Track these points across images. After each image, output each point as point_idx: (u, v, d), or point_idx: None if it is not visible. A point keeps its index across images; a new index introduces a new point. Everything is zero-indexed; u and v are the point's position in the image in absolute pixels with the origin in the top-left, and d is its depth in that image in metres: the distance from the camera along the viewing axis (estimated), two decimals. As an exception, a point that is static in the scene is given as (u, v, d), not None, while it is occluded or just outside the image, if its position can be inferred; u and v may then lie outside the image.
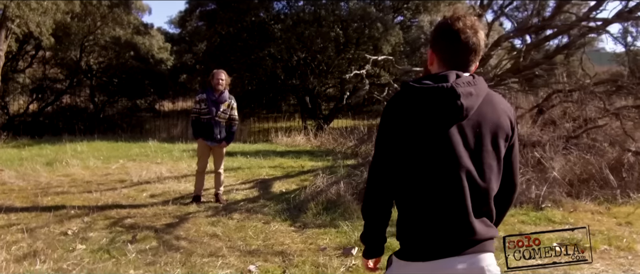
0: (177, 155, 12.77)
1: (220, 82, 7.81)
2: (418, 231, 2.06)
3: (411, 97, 2.03)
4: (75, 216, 6.94)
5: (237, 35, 21.56)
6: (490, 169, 2.08)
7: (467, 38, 2.08)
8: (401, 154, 2.04)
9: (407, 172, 2.05)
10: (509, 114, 2.15)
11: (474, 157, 2.05)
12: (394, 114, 2.05)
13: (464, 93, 1.98)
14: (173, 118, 26.10)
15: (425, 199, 2.04)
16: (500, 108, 2.13)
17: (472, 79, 2.06)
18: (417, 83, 2.03)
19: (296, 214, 7.13)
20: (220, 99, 7.79)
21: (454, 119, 2.00)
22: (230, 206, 7.65)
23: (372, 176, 2.13)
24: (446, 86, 1.97)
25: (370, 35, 19.80)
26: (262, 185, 9.25)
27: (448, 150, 2.01)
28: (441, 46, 2.15)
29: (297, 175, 10.30)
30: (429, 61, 2.21)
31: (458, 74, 2.05)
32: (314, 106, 23.19)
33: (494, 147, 2.09)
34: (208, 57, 22.76)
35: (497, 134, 2.09)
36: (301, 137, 17.54)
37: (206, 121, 7.74)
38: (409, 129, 2.02)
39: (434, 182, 2.03)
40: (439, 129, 2.01)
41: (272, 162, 12.11)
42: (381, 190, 2.10)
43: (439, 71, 2.12)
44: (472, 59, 2.14)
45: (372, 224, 2.18)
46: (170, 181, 9.53)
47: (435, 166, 2.02)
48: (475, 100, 2.02)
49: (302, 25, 20.02)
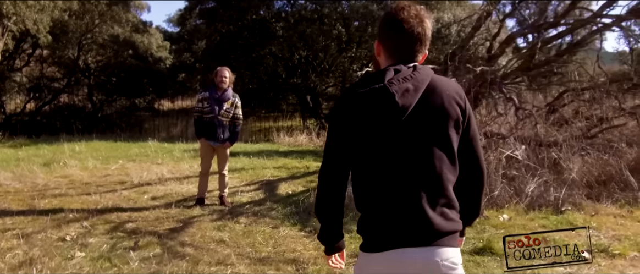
0: (178, 155, 12.44)
1: (223, 79, 7.50)
2: (375, 224, 2.08)
3: (350, 101, 2.05)
4: (74, 220, 6.60)
5: (237, 34, 21.25)
6: (440, 160, 2.06)
7: (411, 28, 2.06)
8: (350, 155, 2.08)
9: (360, 171, 2.09)
10: (457, 98, 2.11)
11: (421, 151, 2.04)
12: (338, 119, 2.08)
13: (399, 91, 1.97)
14: (172, 117, 25.83)
15: (378, 194, 2.06)
16: (446, 94, 2.09)
17: (412, 72, 2.03)
18: (357, 86, 2.06)
19: (305, 218, 6.81)
20: (224, 97, 7.47)
21: (393, 117, 1.99)
22: (235, 210, 7.32)
23: (322, 177, 2.16)
24: (378, 86, 1.98)
25: (373, 34, 19.46)
26: (267, 187, 8.92)
27: (393, 147, 2.03)
28: (386, 37, 2.14)
29: (302, 176, 9.98)
30: (376, 52, 2.20)
31: (397, 69, 2.03)
32: (315, 105, 22.88)
33: (442, 137, 2.07)
34: (208, 56, 22.45)
35: (446, 123, 2.07)
36: (303, 137, 17.22)
37: (209, 120, 7.42)
38: (354, 131, 2.04)
39: (385, 179, 2.05)
40: (382, 129, 2.02)
41: (275, 162, 11.79)
42: (331, 190, 2.15)
43: (386, 62, 2.13)
44: (418, 49, 2.11)
45: (327, 223, 2.24)
46: (172, 182, 9.20)
47: (383, 164, 2.04)
48: (413, 95, 2.00)
49: (304, 23, 19.72)
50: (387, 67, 2.06)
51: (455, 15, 18.16)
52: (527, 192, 7.32)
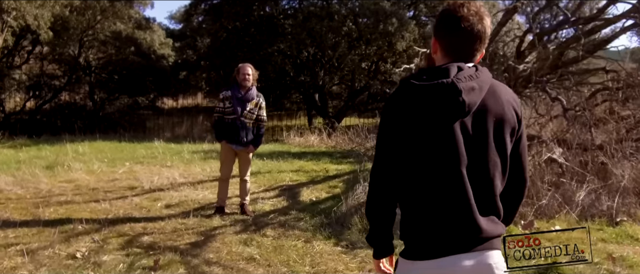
0: (187, 157, 11.77)
1: (246, 77, 6.91)
2: (422, 229, 1.99)
3: (410, 94, 1.93)
4: (84, 233, 5.97)
5: (244, 30, 20.60)
6: (494, 166, 2.00)
7: (471, 25, 1.99)
8: (403, 153, 1.97)
9: (410, 171, 1.99)
10: (514, 105, 2.06)
11: (477, 154, 1.97)
12: (394, 113, 1.97)
13: (465, 89, 1.88)
14: (175, 116, 25.25)
15: (428, 197, 1.98)
16: (505, 99, 2.03)
17: (475, 72, 1.96)
18: (416, 79, 1.94)
19: (339, 230, 6.17)
20: (247, 97, 6.87)
21: (456, 115, 1.91)
22: (259, 219, 6.70)
23: (374, 176, 2.06)
24: (446, 81, 1.88)
25: (384, 31, 18.85)
26: (288, 193, 8.29)
27: (450, 147, 1.94)
28: (444, 34, 2.06)
29: (323, 181, 9.36)
30: (432, 50, 2.11)
31: (460, 67, 1.95)
32: (323, 103, 22.24)
33: (498, 142, 2.00)
34: (214, 53, 21.77)
35: (502, 128, 2.01)
36: (314, 137, 16.58)
37: (231, 121, 6.81)
38: (410, 128, 1.94)
39: (437, 181, 1.96)
40: (441, 127, 1.93)
41: (291, 165, 11.18)
42: (384, 190, 2.03)
43: (443, 61, 2.04)
44: (477, 48, 2.05)
45: (377, 225, 2.12)
46: (186, 187, 8.57)
47: (437, 164, 1.95)
48: (477, 94, 1.93)
49: (313, 20, 19.06)
50: (449, 64, 1.96)
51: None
52: (578, 201, 6.72)
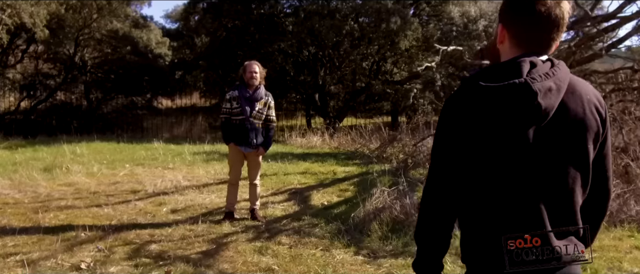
0: (189, 159, 11.42)
1: (253, 75, 6.58)
2: (489, 253, 1.70)
3: (475, 98, 1.64)
4: (87, 241, 5.61)
5: (244, 29, 20.21)
6: (574, 180, 1.71)
7: (548, 10, 1.67)
8: (465, 166, 1.69)
9: (474, 187, 1.70)
10: (598, 105, 1.73)
11: (553, 167, 1.68)
12: (456, 119, 1.69)
13: (541, 89, 1.58)
14: (172, 116, 24.85)
15: (495, 217, 1.70)
16: (586, 99, 1.71)
17: (551, 68, 1.65)
18: (482, 79, 1.63)
19: (358, 237, 5.83)
20: (255, 97, 6.54)
21: (530, 122, 1.62)
22: (272, 226, 6.36)
23: (430, 194, 1.77)
24: (519, 82, 1.57)
25: (387, 29, 18.51)
26: (298, 197, 7.94)
27: (522, 160, 1.65)
28: (514, 20, 1.74)
29: (332, 184, 9.03)
30: (498, 39, 1.80)
31: (533, 62, 1.64)
32: (323, 103, 21.89)
33: (579, 151, 1.71)
34: (212, 52, 21.37)
35: (584, 135, 1.70)
36: (317, 138, 16.25)
37: (239, 122, 6.48)
38: (475, 137, 1.65)
39: (506, 198, 1.68)
40: (512, 135, 1.64)
41: (297, 167, 10.84)
42: (440, 210, 1.75)
43: (511, 52, 1.74)
44: (553, 37, 1.72)
45: (428, 251, 1.81)
46: (191, 191, 8.22)
47: (506, 179, 1.67)
48: (556, 96, 1.62)
49: (314, 19, 18.71)
50: (520, 59, 1.65)
51: (481, 9, 17.26)
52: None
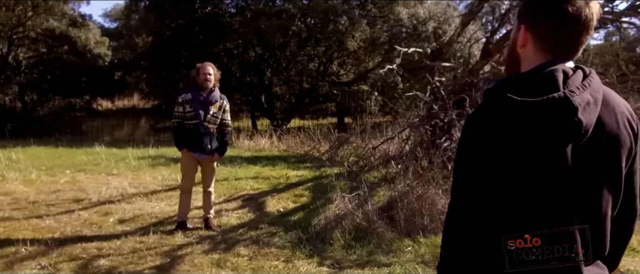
0: (134, 164, 10.91)
1: (208, 77, 6.26)
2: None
3: (507, 113, 1.42)
4: (29, 257, 5.16)
5: (189, 29, 19.67)
6: (607, 202, 1.54)
7: (578, 10, 1.49)
8: (495, 189, 1.47)
9: (502, 212, 1.50)
10: (630, 119, 1.57)
11: (588, 188, 1.50)
12: (484, 137, 1.46)
13: (581, 104, 1.38)
14: (113, 118, 24.11)
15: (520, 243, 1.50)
16: (619, 112, 1.55)
17: (585, 78, 1.46)
18: (512, 92, 1.42)
19: (320, 247, 5.59)
20: (210, 100, 6.22)
21: (569, 140, 1.42)
22: (228, 235, 6.04)
23: (456, 225, 1.57)
24: (558, 96, 1.38)
25: (335, 30, 18.38)
26: (252, 204, 7.64)
27: (559, 182, 1.46)
28: (540, 21, 1.55)
29: (286, 189, 8.75)
30: (520, 42, 1.60)
31: (565, 71, 1.46)
32: (270, 105, 21.58)
33: (613, 171, 1.53)
34: (156, 52, 20.73)
35: (618, 152, 1.53)
36: (265, 141, 15.94)
37: (192, 127, 6.13)
38: (506, 157, 1.44)
39: (539, 223, 1.48)
40: (547, 156, 1.44)
41: (247, 171, 10.51)
42: (468, 242, 1.54)
43: (536, 57, 1.55)
44: (583, 40, 1.54)
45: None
46: (138, 199, 7.79)
47: (541, 203, 1.47)
48: (594, 110, 1.44)
49: (261, 18, 18.40)
50: (552, 68, 1.48)
51: (430, 11, 17.29)
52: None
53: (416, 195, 6.35)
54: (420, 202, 6.24)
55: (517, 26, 1.63)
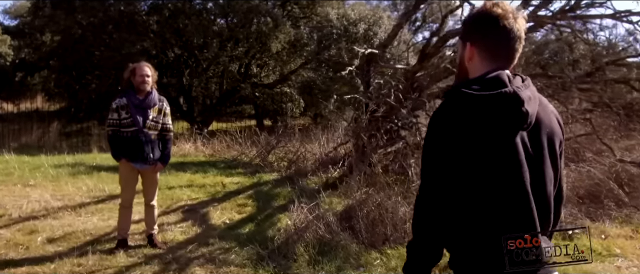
0: (52, 173, 9.94)
1: (145, 79, 5.69)
2: (484, 258, 1.76)
3: (468, 107, 1.72)
4: (-52, 289, 4.44)
5: (102, 27, 18.50)
6: (550, 182, 1.85)
7: (510, 24, 1.83)
8: (460, 174, 1.72)
9: (469, 193, 1.74)
10: (558, 117, 1.96)
11: (535, 170, 1.78)
12: (449, 130, 1.72)
13: (526, 98, 1.72)
14: (16, 122, 22.40)
15: (490, 223, 1.75)
16: (550, 110, 1.93)
17: (522, 81, 1.82)
18: (473, 89, 1.72)
19: (283, 263, 5.14)
20: (148, 103, 5.66)
21: (518, 128, 1.74)
22: (177, 253, 5.48)
23: (426, 205, 1.80)
24: (508, 91, 1.71)
25: (258, 31, 17.87)
26: (194, 215, 7.07)
27: (514, 165, 1.74)
28: (482, 37, 1.88)
29: (226, 198, 8.22)
30: (467, 57, 1.91)
31: (508, 75, 1.79)
32: (189, 108, 20.75)
33: (552, 156, 1.85)
34: (66, 52, 19.38)
35: (554, 141, 1.87)
36: (189, 145, 15.18)
37: (131, 135, 5.53)
38: (468, 146, 1.70)
39: (501, 204, 1.74)
40: (502, 142, 1.73)
41: (178, 178, 9.87)
42: (437, 223, 1.78)
43: (482, 67, 1.85)
44: (517, 49, 1.87)
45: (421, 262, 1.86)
46: (65, 213, 7.02)
47: (501, 185, 1.74)
48: (535, 104, 1.79)
49: (180, 17, 17.62)
50: (499, 72, 1.78)
51: (360, 12, 17.11)
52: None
53: (376, 203, 6.02)
54: (380, 211, 5.93)
55: (463, 44, 1.92)
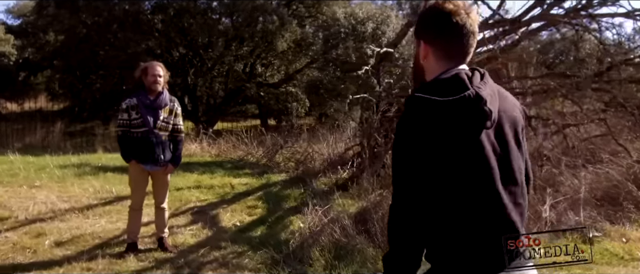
0: (58, 174, 9.80)
1: (157, 79, 5.54)
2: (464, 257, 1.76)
3: (433, 113, 1.69)
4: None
5: (106, 27, 18.37)
6: (520, 172, 1.87)
7: (462, 20, 1.81)
8: (432, 179, 1.72)
9: (440, 201, 1.74)
10: (518, 105, 1.98)
11: (504, 163, 1.80)
12: (417, 136, 1.71)
13: (487, 97, 1.70)
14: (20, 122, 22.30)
15: (464, 224, 1.75)
16: (511, 101, 1.94)
17: (482, 78, 1.79)
18: (430, 94, 1.70)
19: (299, 268, 5.00)
20: (159, 103, 5.51)
21: (482, 127, 1.72)
22: (188, 257, 5.33)
23: (400, 214, 1.75)
24: (471, 94, 1.68)
25: (264, 29, 17.73)
26: (203, 218, 6.93)
27: (482, 163, 1.74)
28: (435, 35, 1.87)
29: (236, 199, 8.08)
30: (422, 55, 1.92)
31: (467, 73, 1.78)
32: (194, 107, 20.62)
33: (518, 146, 1.89)
34: (70, 51, 19.26)
35: (517, 131, 1.90)
36: (195, 146, 15.05)
37: (141, 136, 5.39)
38: (437, 150, 1.70)
39: (473, 204, 1.74)
40: (469, 143, 1.72)
41: (185, 179, 9.72)
42: (413, 232, 1.74)
43: (438, 66, 1.87)
44: (472, 44, 1.86)
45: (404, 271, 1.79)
46: (73, 216, 6.88)
47: (472, 185, 1.74)
48: (496, 101, 1.78)
49: (185, 17, 17.49)
50: (455, 71, 1.79)
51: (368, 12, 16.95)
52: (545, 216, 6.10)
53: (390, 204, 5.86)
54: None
55: (417, 42, 1.92)
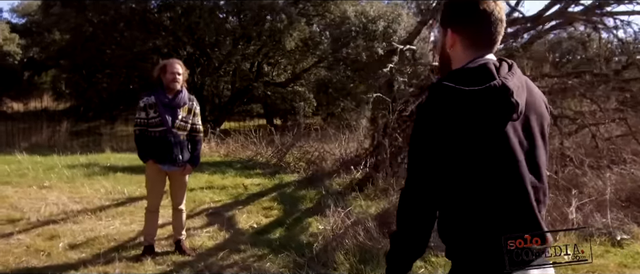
0: (67, 174, 9.66)
1: (176, 77, 5.34)
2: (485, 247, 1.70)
3: (457, 103, 1.63)
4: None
5: (113, 25, 18.22)
6: (544, 166, 1.81)
7: (490, 7, 1.78)
8: (450, 170, 1.68)
9: (462, 189, 1.70)
10: (544, 100, 1.92)
11: (529, 156, 1.75)
12: (438, 125, 1.65)
13: (514, 88, 1.64)
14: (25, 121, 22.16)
15: (488, 214, 1.70)
16: (537, 94, 1.88)
17: (509, 68, 1.74)
18: (456, 83, 1.64)
19: (323, 272, 4.83)
20: (177, 102, 5.33)
21: (508, 118, 1.67)
22: (208, 261, 5.17)
23: (412, 200, 1.74)
24: (497, 84, 1.63)
25: (272, 28, 17.57)
26: (219, 219, 6.77)
27: (508, 155, 1.69)
28: (463, 23, 1.82)
29: (250, 200, 7.93)
30: (449, 44, 1.86)
31: (495, 64, 1.72)
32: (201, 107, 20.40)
33: (543, 140, 1.83)
34: (76, 50, 19.11)
35: (543, 126, 1.85)
36: (204, 145, 14.87)
37: (159, 135, 5.22)
38: (459, 140, 1.65)
39: (498, 195, 1.69)
40: (494, 134, 1.67)
41: (196, 180, 9.53)
42: (422, 219, 1.74)
43: (465, 55, 1.82)
44: (500, 31, 1.82)
45: (405, 254, 1.82)
46: (85, 217, 6.72)
47: (498, 181, 1.69)
48: (523, 93, 1.72)
49: (193, 15, 17.32)
50: (483, 60, 1.73)
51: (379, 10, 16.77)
52: (571, 218, 5.93)
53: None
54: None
55: (443, 31, 1.87)
